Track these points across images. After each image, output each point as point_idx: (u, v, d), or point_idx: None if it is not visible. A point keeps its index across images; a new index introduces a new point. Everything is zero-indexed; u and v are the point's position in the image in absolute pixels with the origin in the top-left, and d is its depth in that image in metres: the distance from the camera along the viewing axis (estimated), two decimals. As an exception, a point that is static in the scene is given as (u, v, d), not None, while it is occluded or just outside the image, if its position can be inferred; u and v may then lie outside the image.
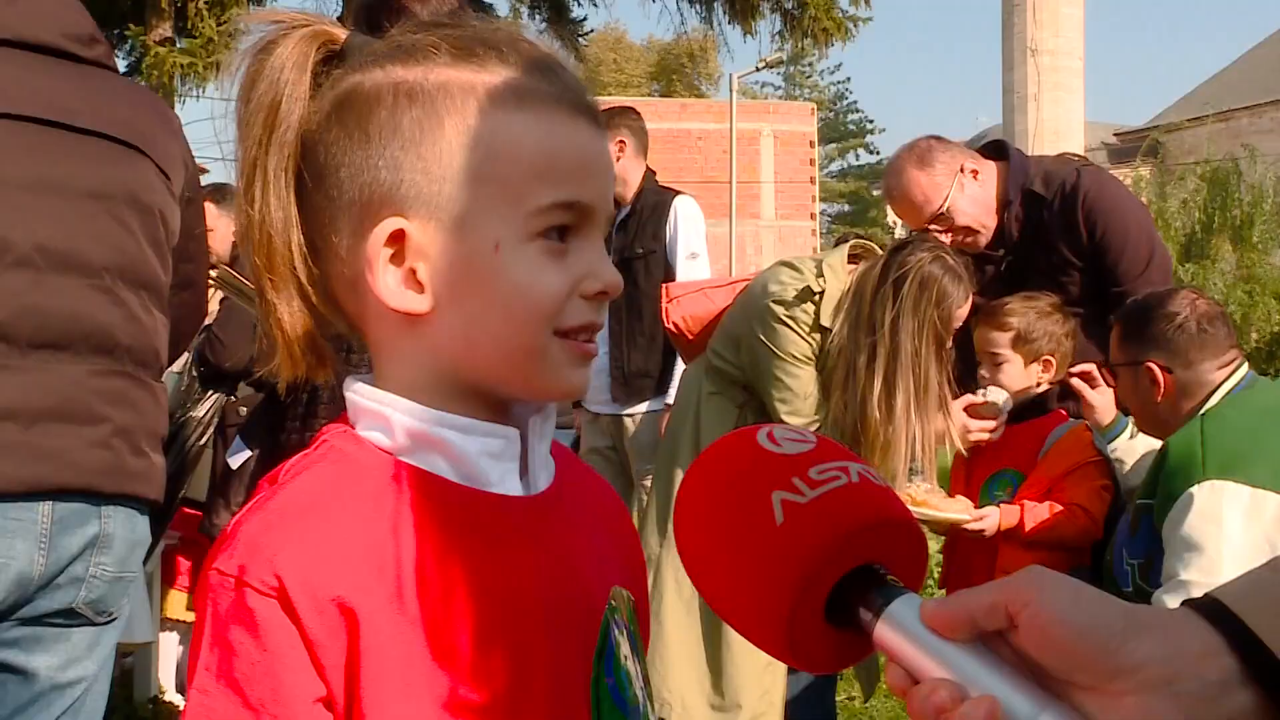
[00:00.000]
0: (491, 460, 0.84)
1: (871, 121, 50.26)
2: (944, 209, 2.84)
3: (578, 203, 0.82)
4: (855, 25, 11.96)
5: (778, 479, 0.67)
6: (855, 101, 57.48)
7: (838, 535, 0.64)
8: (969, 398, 2.71)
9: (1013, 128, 36.24)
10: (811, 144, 25.13)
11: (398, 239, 0.80)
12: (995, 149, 3.03)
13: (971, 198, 2.87)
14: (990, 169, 2.93)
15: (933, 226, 2.87)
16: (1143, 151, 30.87)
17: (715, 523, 0.69)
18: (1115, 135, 41.25)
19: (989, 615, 0.60)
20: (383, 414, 0.83)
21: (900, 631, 0.62)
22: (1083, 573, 2.57)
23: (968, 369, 2.96)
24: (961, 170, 2.86)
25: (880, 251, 2.71)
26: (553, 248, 0.81)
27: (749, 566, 0.66)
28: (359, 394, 0.85)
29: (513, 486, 0.86)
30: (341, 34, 0.87)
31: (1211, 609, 0.59)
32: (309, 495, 0.80)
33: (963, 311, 2.63)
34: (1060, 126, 35.38)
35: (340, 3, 11.47)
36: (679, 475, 2.92)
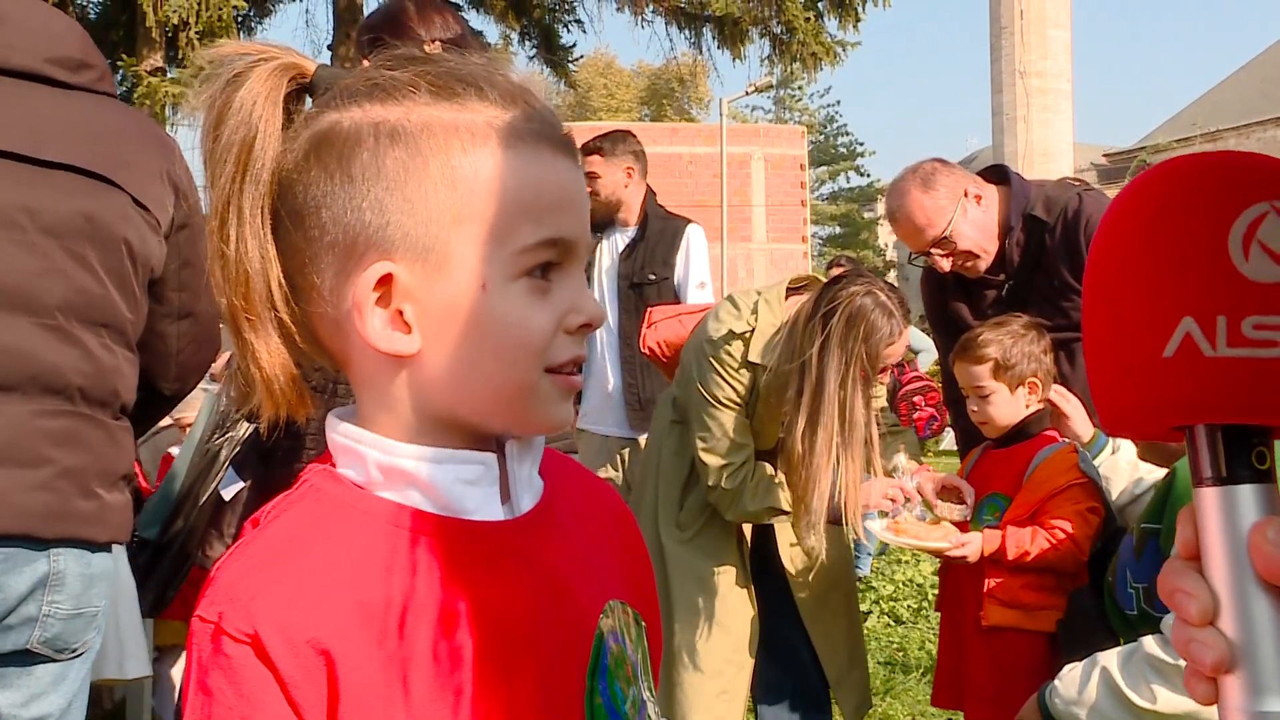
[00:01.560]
0: (467, 487, 0.84)
1: (862, 144, 50.36)
2: (947, 233, 2.83)
3: (561, 239, 0.82)
4: (844, 50, 12.04)
5: (1204, 302, 0.52)
6: (845, 125, 57.59)
7: (1208, 418, 0.53)
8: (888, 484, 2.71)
9: (1002, 149, 36.45)
10: (802, 167, 25.21)
11: (385, 282, 0.80)
12: (996, 173, 3.02)
13: (974, 222, 2.85)
14: (992, 193, 2.92)
15: (934, 250, 2.86)
16: (1131, 172, 31.08)
17: (1122, 284, 0.54)
18: (1104, 156, 41.50)
19: None
20: (356, 450, 0.83)
21: (1227, 518, 0.52)
22: (1082, 595, 2.56)
23: (958, 408, 2.95)
24: (965, 195, 2.85)
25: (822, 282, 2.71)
26: (537, 285, 0.82)
27: (1119, 362, 0.55)
28: (336, 432, 0.85)
29: (493, 512, 0.85)
30: (311, 66, 0.87)
31: None
32: (286, 538, 0.81)
33: (893, 349, 2.59)
34: (1049, 147, 35.66)
35: (332, 28, 11.53)
36: (644, 505, 2.93)
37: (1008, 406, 2.65)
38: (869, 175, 51.48)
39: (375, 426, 0.84)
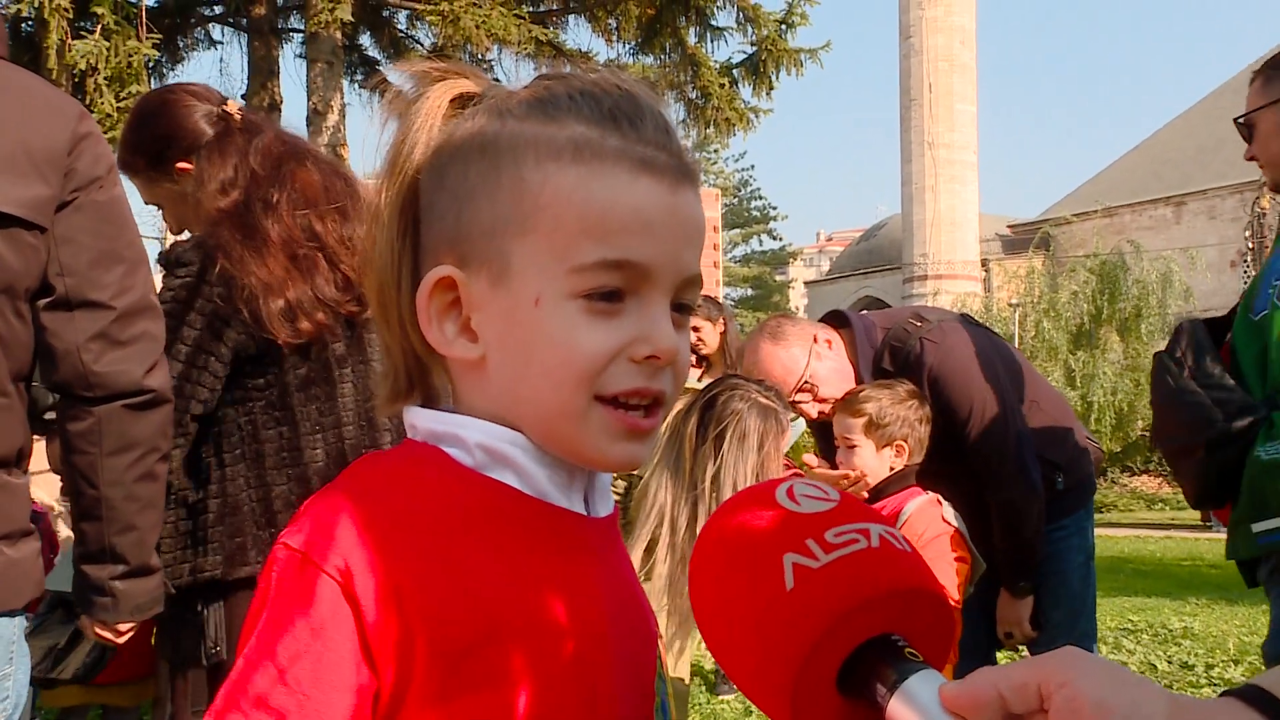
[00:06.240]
0: (555, 486, 0.84)
1: (775, 208, 51.41)
2: (806, 377, 2.88)
3: (627, 262, 0.79)
4: (757, 116, 12.26)
5: (792, 540, 0.64)
6: (759, 189, 58.53)
7: (848, 606, 0.61)
8: None
9: (911, 217, 37.43)
10: (715, 229, 25.58)
11: (449, 287, 0.81)
12: (836, 319, 3.07)
13: (830, 368, 2.92)
14: (837, 338, 2.98)
15: (798, 396, 2.91)
16: (1034, 244, 32.05)
17: (726, 580, 0.67)
18: (1009, 227, 42.78)
19: (1018, 695, 0.56)
20: (457, 434, 0.83)
21: (915, 710, 0.58)
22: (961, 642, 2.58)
23: (830, 452, 3.00)
24: (814, 340, 2.92)
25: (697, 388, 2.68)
26: (597, 307, 0.79)
27: (756, 630, 0.63)
28: (428, 419, 0.85)
29: (577, 507, 0.86)
30: (481, 85, 0.87)
31: (1259, 698, 0.55)
32: (383, 484, 0.81)
33: (785, 440, 2.59)
34: (956, 216, 36.70)
35: (246, 78, 11.41)
36: None
37: (870, 462, 2.72)
38: (781, 239, 52.41)
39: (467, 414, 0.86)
